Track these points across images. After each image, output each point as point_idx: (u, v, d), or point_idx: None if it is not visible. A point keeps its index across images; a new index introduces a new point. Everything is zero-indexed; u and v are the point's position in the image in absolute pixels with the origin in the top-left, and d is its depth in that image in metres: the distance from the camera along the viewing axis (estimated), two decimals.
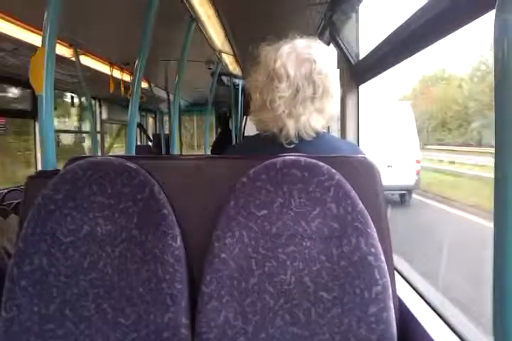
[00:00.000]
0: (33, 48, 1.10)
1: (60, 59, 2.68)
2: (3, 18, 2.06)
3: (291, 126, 0.97)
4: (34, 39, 2.27)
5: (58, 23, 1.11)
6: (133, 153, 2.11)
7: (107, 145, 5.31)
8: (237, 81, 4.42)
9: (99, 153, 4.37)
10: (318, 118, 0.99)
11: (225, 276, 0.83)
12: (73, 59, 2.85)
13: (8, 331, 0.84)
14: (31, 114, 3.32)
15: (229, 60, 3.73)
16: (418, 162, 7.36)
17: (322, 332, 0.82)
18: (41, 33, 1.12)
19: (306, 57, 0.98)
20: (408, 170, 6.98)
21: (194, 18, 2.33)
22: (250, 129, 4.22)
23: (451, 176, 8.16)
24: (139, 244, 0.86)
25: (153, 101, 4.87)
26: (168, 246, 0.85)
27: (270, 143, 1.01)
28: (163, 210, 0.86)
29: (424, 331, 0.87)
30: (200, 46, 2.87)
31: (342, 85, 1.07)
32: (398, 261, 1.24)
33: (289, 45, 1.00)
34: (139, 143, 6.41)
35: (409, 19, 1.17)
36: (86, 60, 3.09)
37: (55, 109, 1.15)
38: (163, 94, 5.28)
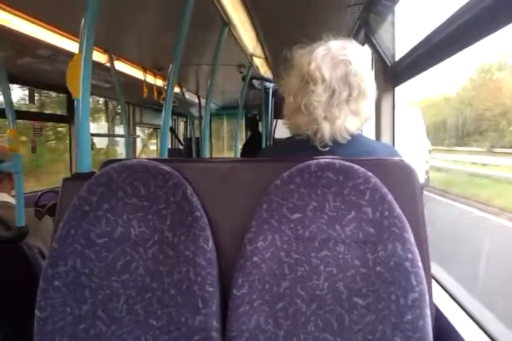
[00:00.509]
0: (69, 54, 1.13)
1: (96, 65, 2.74)
2: (41, 26, 2.13)
3: (326, 129, 0.95)
4: (70, 46, 2.34)
5: (94, 30, 1.13)
6: (165, 156, 2.13)
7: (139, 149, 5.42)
8: (267, 84, 4.42)
9: (132, 156, 4.45)
10: (353, 120, 0.97)
11: (256, 280, 0.82)
12: (108, 65, 2.91)
13: (42, 330, 0.85)
14: (67, 118, 3.42)
15: (260, 64, 3.73)
16: (427, 162, 7.81)
17: (355, 339, 0.79)
18: (77, 39, 1.14)
19: (341, 58, 0.96)
20: (419, 170, 7.23)
21: (227, 23, 2.34)
22: (280, 133, 4.20)
23: None
24: (172, 246, 0.86)
25: (184, 106, 4.93)
26: (200, 248, 0.84)
27: (304, 146, 0.99)
28: (195, 212, 0.86)
29: (462, 339, 0.84)
30: (232, 50, 2.88)
31: (377, 87, 1.04)
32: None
33: (323, 47, 0.98)
34: (169, 146, 6.52)
35: (447, 20, 1.14)
36: (120, 66, 3.16)
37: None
38: (194, 98, 5.34)
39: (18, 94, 3.20)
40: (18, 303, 1.35)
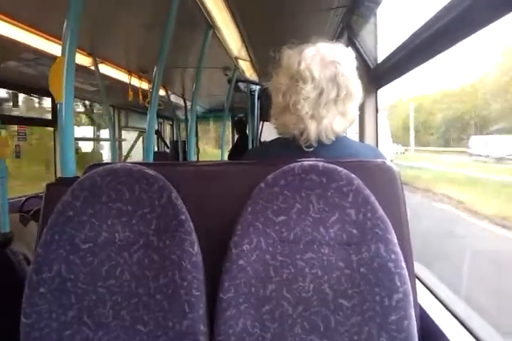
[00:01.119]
0: (53, 58, 1.12)
1: (79, 68, 2.72)
2: (23, 28, 2.10)
3: (312, 129, 0.96)
4: (54, 49, 2.31)
5: (78, 32, 1.13)
6: (151, 159, 2.12)
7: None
8: (253, 87, 4.43)
9: (117, 160, 4.42)
10: (340, 121, 0.98)
11: (242, 283, 0.82)
12: (92, 68, 2.89)
13: (28, 337, 0.84)
14: (51, 122, 3.38)
15: (245, 67, 3.74)
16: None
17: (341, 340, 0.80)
18: (61, 42, 1.13)
19: (330, 59, 0.97)
20: None
21: (211, 25, 2.34)
22: (266, 135, 4.21)
23: None
24: (157, 250, 0.86)
25: (170, 109, 4.91)
26: (185, 252, 0.84)
27: (289, 146, 1.00)
28: (180, 216, 0.86)
29: (447, 339, 0.85)
30: (217, 53, 2.88)
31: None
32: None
33: (312, 47, 0.99)
34: (155, 149, 6.47)
35: (429, 21, 1.16)
36: (105, 69, 3.14)
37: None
38: (180, 101, 5.32)
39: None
40: (3, 310, 1.33)
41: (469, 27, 0.95)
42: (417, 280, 0.93)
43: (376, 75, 1.87)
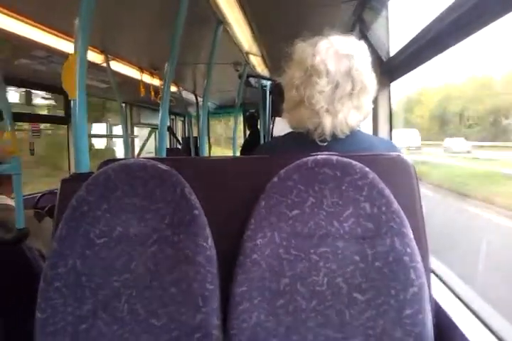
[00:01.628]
0: (65, 55, 1.13)
1: (92, 65, 2.74)
2: (35, 27, 2.12)
3: (327, 123, 0.95)
4: (66, 46, 2.33)
5: (89, 30, 1.13)
6: (163, 155, 2.13)
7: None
8: (264, 82, 4.41)
9: (130, 156, 4.45)
10: (355, 115, 0.97)
11: (256, 277, 0.82)
12: (104, 65, 2.91)
13: (43, 332, 0.85)
14: (64, 119, 3.41)
15: (256, 62, 3.73)
16: None
17: (356, 335, 0.80)
18: (73, 40, 1.14)
19: (344, 53, 0.96)
20: None
21: (221, 21, 2.33)
22: (278, 130, 4.20)
23: None
24: (171, 245, 0.86)
25: (181, 105, 4.93)
26: (199, 246, 0.85)
27: (302, 141, 1.00)
28: (194, 211, 0.86)
29: (462, 334, 0.84)
30: (228, 48, 2.88)
31: None
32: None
33: (326, 40, 0.98)
34: (167, 146, 6.51)
35: (441, 13, 1.14)
36: (116, 66, 3.15)
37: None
38: (191, 97, 5.33)
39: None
40: (19, 305, 1.36)
41: (483, 18, 0.93)
42: (432, 274, 0.92)
43: (389, 68, 1.85)
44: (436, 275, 1.18)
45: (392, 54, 1.87)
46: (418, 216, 0.86)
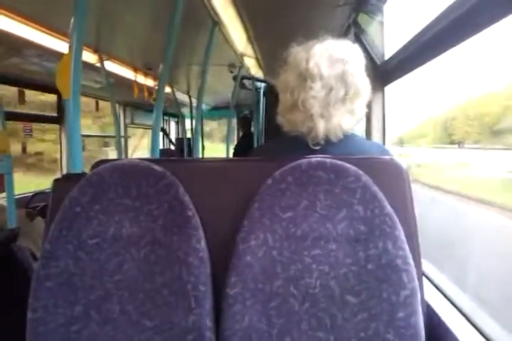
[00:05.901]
0: (59, 55, 1.12)
1: (86, 65, 2.73)
2: (29, 25, 2.11)
3: (321, 127, 0.96)
4: (60, 46, 2.32)
5: (84, 29, 1.13)
6: (157, 156, 2.12)
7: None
8: (259, 84, 4.42)
9: (124, 157, 4.43)
10: (349, 119, 0.98)
11: (249, 279, 0.82)
12: (98, 65, 2.90)
13: (34, 332, 0.84)
14: (57, 119, 3.39)
15: (251, 64, 3.73)
16: None
17: (348, 337, 0.80)
18: (67, 39, 1.13)
19: (338, 57, 0.97)
20: None
21: (217, 22, 2.34)
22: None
23: None
24: (164, 246, 0.86)
25: (175, 106, 4.92)
26: (192, 248, 0.84)
27: (296, 144, 1.00)
28: (187, 212, 0.86)
29: (454, 336, 0.84)
30: (223, 50, 2.88)
31: None
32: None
33: (320, 45, 0.98)
34: (161, 147, 6.48)
35: (437, 17, 1.15)
36: (111, 66, 3.14)
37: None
38: (185, 98, 5.32)
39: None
40: (10, 305, 1.34)
41: (478, 23, 0.94)
42: (423, 277, 0.93)
43: (383, 72, 1.86)
44: (427, 278, 1.19)
45: (386, 58, 1.88)
46: (410, 219, 0.87)
